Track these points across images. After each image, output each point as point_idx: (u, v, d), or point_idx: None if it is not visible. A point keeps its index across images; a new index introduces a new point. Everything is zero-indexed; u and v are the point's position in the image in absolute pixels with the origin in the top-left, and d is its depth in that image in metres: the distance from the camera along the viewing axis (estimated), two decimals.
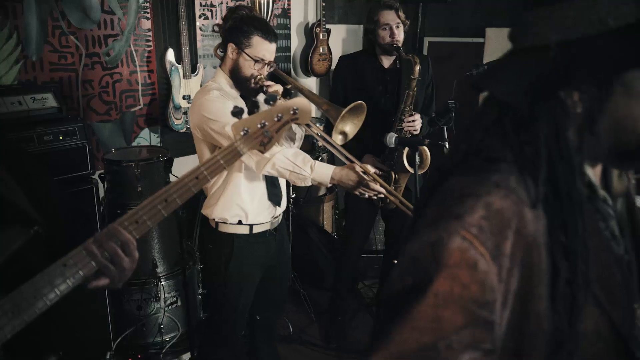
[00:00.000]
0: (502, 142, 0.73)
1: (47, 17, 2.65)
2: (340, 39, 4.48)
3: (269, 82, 2.07)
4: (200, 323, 3.05)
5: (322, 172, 1.97)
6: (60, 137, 2.37)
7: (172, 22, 3.15)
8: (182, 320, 2.95)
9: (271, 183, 2.16)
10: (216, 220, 2.15)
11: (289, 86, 2.22)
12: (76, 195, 2.45)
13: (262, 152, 1.20)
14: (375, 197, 2.05)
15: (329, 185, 2.04)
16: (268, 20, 2.98)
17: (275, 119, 1.16)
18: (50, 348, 1.18)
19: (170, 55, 3.14)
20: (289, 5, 3.97)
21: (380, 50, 2.81)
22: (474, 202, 0.67)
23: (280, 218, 2.28)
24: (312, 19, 4.17)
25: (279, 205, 2.21)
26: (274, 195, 2.17)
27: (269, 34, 1.98)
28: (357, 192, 1.99)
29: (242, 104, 2.07)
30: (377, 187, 1.98)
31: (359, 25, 4.79)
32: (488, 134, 0.75)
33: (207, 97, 1.97)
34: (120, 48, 3.00)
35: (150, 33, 3.11)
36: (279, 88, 2.03)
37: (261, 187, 2.14)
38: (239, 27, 1.97)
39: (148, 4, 3.07)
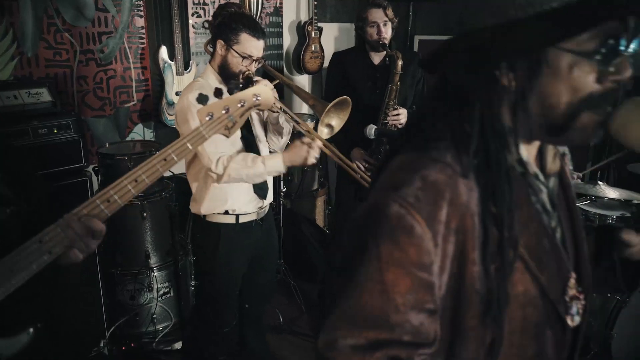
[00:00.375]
0: (444, 121, 0.80)
1: (42, 15, 2.72)
2: (332, 37, 4.55)
3: (258, 78, 2.15)
4: (193, 313, 3.13)
5: (274, 163, 2.07)
6: (55, 131, 2.45)
7: (165, 20, 3.23)
8: (175, 310, 3.02)
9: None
10: (203, 212, 2.22)
11: (276, 81, 2.29)
12: (70, 187, 2.52)
13: (227, 136, 1.28)
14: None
15: (284, 171, 2.12)
16: (258, 18, 3.05)
17: (239, 104, 1.24)
18: (30, 320, 1.25)
19: (164, 52, 3.21)
20: (281, 3, 4.05)
21: (369, 47, 2.88)
22: (411, 176, 0.75)
23: (266, 209, 2.35)
24: (304, 17, 4.25)
25: (265, 199, 2.29)
26: (259, 189, 2.24)
27: (257, 31, 2.05)
28: (310, 162, 2.06)
29: None
30: (317, 142, 2.05)
31: (351, 24, 4.84)
32: (434, 114, 0.82)
33: (184, 104, 2.03)
34: (114, 45, 3.07)
35: (143, 31, 3.19)
36: (267, 83, 2.11)
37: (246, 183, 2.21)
38: (227, 24, 2.04)
39: (141, 2, 3.14)
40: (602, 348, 2.66)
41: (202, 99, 1.31)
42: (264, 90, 1.32)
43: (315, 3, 4.08)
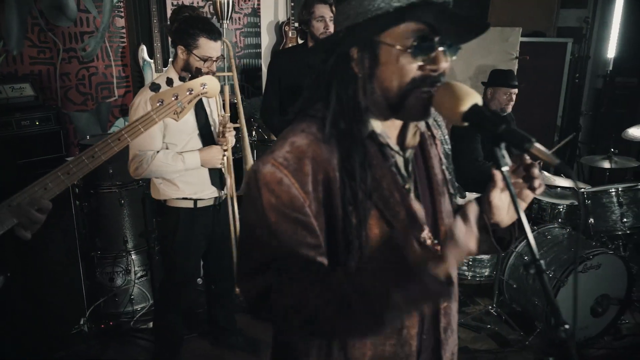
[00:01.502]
0: (318, 102, 1.02)
1: (27, 15, 2.93)
2: None
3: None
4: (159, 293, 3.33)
5: (192, 161, 2.30)
6: (37, 123, 2.66)
7: (144, 21, 3.44)
8: (152, 292, 3.23)
9: (212, 170, 2.44)
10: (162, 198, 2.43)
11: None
12: None
13: (176, 120, 1.48)
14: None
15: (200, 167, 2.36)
16: (229, 17, 3.25)
17: (187, 92, 1.45)
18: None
19: (143, 51, 3.42)
20: (259, 4, 4.26)
21: (313, 43, 2.89)
22: (283, 142, 0.97)
23: (225, 197, 2.55)
24: (282, 17, 4.46)
25: (222, 189, 2.49)
26: (215, 177, 2.44)
27: (214, 33, 2.24)
28: (217, 165, 2.33)
29: None
30: (229, 137, 2.33)
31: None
32: (311, 97, 1.04)
33: (136, 103, 2.25)
34: (95, 44, 3.28)
35: (124, 30, 3.40)
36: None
37: (203, 171, 2.41)
38: (185, 29, 2.22)
39: (122, 4, 3.35)
40: (546, 326, 2.88)
41: (155, 87, 1.50)
42: (210, 79, 1.53)
43: (293, 4, 4.29)
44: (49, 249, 2.82)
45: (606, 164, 3.47)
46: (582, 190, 3.16)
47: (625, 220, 3.06)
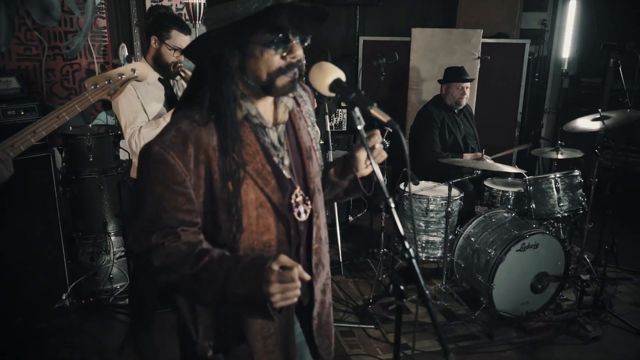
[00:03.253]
0: (201, 92, 1.23)
1: (14, 15, 3.20)
2: None
3: (188, 71, 2.62)
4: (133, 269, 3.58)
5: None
6: (22, 113, 2.92)
7: (124, 21, 3.71)
8: (129, 271, 3.48)
9: None
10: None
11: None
12: (36, 160, 3.00)
13: (110, 100, 1.75)
14: None
15: None
16: (201, 19, 3.53)
17: (119, 77, 1.72)
18: None
19: (124, 49, 3.69)
20: None
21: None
22: (171, 127, 1.21)
23: None
24: None
25: None
26: None
27: (184, 27, 2.53)
28: None
29: (159, 86, 2.62)
30: None
31: None
32: (194, 89, 1.26)
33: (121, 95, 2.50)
34: (79, 42, 3.55)
35: (105, 30, 3.67)
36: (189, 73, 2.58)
37: None
38: (159, 22, 2.51)
39: (103, 5, 3.62)
40: (489, 301, 3.16)
41: (89, 72, 1.76)
42: (140, 65, 1.79)
43: None
44: (34, 230, 3.08)
45: (554, 155, 3.74)
46: (523, 176, 3.44)
47: (562, 204, 3.35)
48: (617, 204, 3.84)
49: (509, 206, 3.62)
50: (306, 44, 1.23)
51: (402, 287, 1.16)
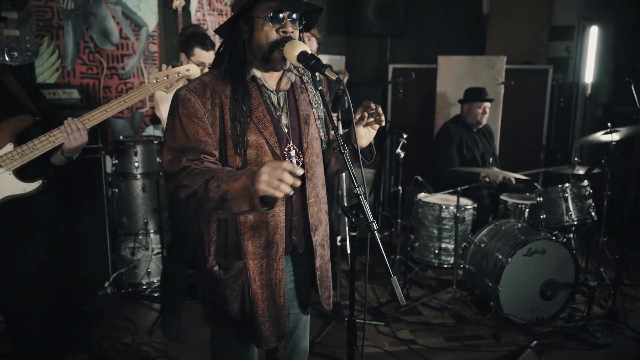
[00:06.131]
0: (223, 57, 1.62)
1: (80, 40, 3.75)
2: None
3: None
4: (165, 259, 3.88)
5: None
6: None
7: (173, 48, 4.20)
8: None
9: None
10: None
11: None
12: (89, 161, 3.44)
13: (167, 93, 2.12)
14: None
15: None
16: None
17: (176, 74, 2.10)
18: (40, 176, 2.06)
19: None
20: None
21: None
22: (195, 79, 1.58)
23: None
24: None
25: None
26: None
27: (205, 44, 2.93)
28: None
29: None
30: None
31: (341, 57, 5.77)
32: (223, 54, 1.64)
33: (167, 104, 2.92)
34: (133, 64, 4.07)
35: (156, 54, 4.18)
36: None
37: None
38: (185, 42, 2.93)
39: (156, 33, 4.14)
40: (497, 304, 3.28)
41: (153, 70, 2.15)
42: (193, 66, 2.17)
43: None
44: (85, 224, 3.51)
45: (569, 171, 3.87)
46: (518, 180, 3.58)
47: (570, 213, 3.46)
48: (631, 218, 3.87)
49: (523, 218, 3.75)
50: (300, 27, 1.57)
51: (353, 219, 1.43)
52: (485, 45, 5.63)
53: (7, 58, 3.39)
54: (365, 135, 1.71)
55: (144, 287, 3.80)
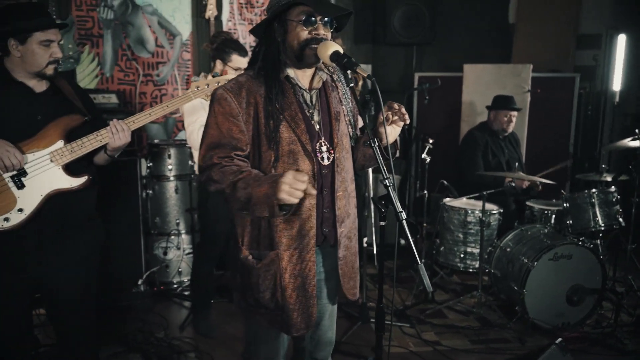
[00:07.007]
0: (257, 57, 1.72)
1: (118, 48, 3.93)
2: None
3: None
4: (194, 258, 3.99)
5: None
6: None
7: (205, 56, 4.36)
8: None
9: None
10: None
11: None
12: (126, 162, 3.60)
13: (206, 100, 2.22)
14: None
15: None
16: None
17: (216, 84, 2.21)
18: (86, 173, 2.18)
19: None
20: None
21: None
22: (232, 79, 1.68)
23: None
24: None
25: None
26: None
27: (242, 50, 3.05)
28: None
29: None
30: None
31: (367, 65, 5.86)
32: (255, 55, 1.74)
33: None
34: (167, 72, 4.23)
35: (189, 62, 4.34)
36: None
37: None
38: (222, 48, 3.05)
39: (189, 42, 4.31)
40: (522, 308, 3.29)
41: (198, 77, 2.27)
42: (232, 76, 2.29)
43: None
44: (120, 224, 3.65)
45: (596, 177, 3.87)
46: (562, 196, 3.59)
47: (597, 219, 3.46)
48: None
49: (549, 223, 3.75)
50: (331, 30, 1.66)
51: (382, 209, 1.51)
52: (511, 53, 5.66)
53: None
54: (391, 132, 1.78)
55: (175, 285, 3.92)
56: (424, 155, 3.68)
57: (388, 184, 1.48)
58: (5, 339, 2.12)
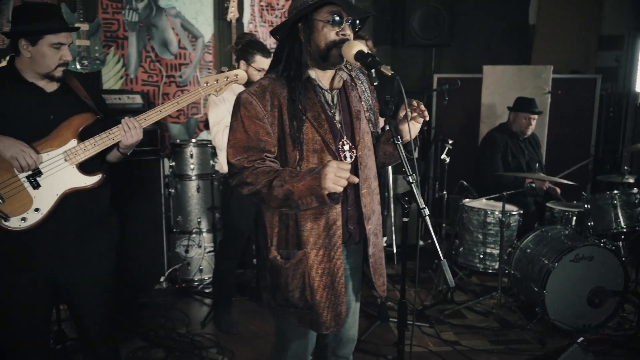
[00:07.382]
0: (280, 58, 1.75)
1: (142, 49, 4.01)
2: None
3: None
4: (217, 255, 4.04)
5: None
6: None
7: (227, 57, 4.43)
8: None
9: None
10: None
11: None
12: (149, 162, 3.67)
13: (216, 95, 2.26)
14: None
15: None
16: None
17: (225, 79, 2.25)
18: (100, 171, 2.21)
19: None
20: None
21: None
22: (255, 83, 1.70)
23: None
24: None
25: None
26: None
27: (266, 51, 3.10)
28: None
29: None
30: None
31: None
32: (278, 55, 1.77)
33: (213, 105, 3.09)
34: (189, 73, 4.30)
35: (211, 64, 4.41)
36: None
37: None
38: (246, 49, 3.10)
39: (211, 44, 4.38)
40: (542, 309, 3.28)
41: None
42: (241, 72, 2.32)
43: None
44: (143, 222, 3.72)
45: (618, 179, 3.83)
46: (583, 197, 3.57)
47: (619, 220, 3.43)
48: None
49: (570, 225, 3.73)
50: (355, 30, 1.69)
51: (406, 205, 1.53)
52: (531, 55, 5.63)
53: (78, 66, 3.68)
54: (412, 129, 1.80)
55: (196, 283, 3.98)
56: (443, 156, 3.69)
57: (411, 181, 1.50)
58: (24, 338, 2.13)
